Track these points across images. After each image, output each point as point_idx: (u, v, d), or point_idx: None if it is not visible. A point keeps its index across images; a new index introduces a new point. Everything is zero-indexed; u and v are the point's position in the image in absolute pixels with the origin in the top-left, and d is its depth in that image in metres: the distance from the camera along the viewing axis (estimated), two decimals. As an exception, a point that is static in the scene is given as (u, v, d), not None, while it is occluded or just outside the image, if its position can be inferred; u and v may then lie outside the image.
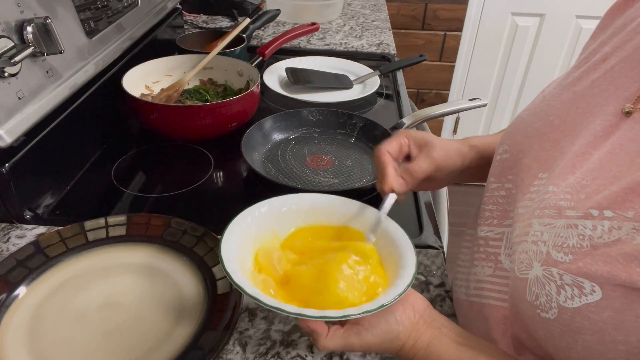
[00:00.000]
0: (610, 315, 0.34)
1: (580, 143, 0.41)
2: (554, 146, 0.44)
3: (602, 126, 0.40)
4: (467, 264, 0.56)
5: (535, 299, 0.39)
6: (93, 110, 0.84)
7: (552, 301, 0.37)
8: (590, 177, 0.38)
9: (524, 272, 0.41)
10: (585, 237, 0.36)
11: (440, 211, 0.87)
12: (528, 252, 0.41)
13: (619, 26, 0.45)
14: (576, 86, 0.45)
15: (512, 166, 0.49)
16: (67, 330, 0.52)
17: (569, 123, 0.44)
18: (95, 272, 0.60)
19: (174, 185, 0.79)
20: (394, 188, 0.54)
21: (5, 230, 0.67)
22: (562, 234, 0.38)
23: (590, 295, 0.35)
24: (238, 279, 0.46)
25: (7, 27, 0.60)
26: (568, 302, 0.36)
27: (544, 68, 2.18)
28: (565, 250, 0.37)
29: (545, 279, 0.38)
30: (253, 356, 0.52)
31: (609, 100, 0.41)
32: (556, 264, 0.37)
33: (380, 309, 0.43)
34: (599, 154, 0.39)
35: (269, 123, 0.89)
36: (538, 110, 0.48)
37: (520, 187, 0.47)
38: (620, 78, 0.41)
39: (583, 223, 0.36)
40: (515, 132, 0.51)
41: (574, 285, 0.36)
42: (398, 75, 1.19)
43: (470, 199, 2.28)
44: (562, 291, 0.36)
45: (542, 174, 0.44)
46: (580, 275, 0.35)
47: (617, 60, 0.43)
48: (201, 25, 1.47)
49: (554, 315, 0.37)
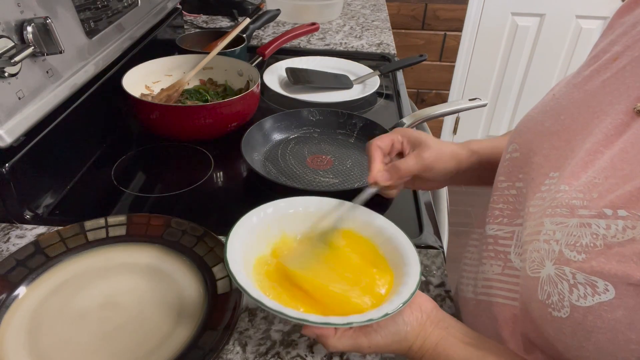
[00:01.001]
0: (623, 314, 0.34)
1: (591, 142, 0.41)
2: (565, 145, 0.44)
3: (613, 125, 0.40)
4: (474, 262, 0.57)
5: (547, 297, 0.39)
6: (93, 110, 0.84)
7: (564, 300, 0.37)
8: (603, 176, 0.38)
9: (535, 270, 0.41)
10: (599, 236, 0.36)
11: (440, 211, 0.87)
12: (540, 251, 0.41)
13: (629, 25, 0.45)
14: (587, 85, 0.45)
15: (522, 165, 0.49)
16: (67, 331, 0.52)
17: (580, 122, 0.44)
18: (95, 272, 0.60)
19: (174, 185, 0.79)
20: (377, 180, 0.56)
21: (5, 230, 0.67)
22: (575, 232, 0.38)
23: (604, 294, 0.35)
24: (242, 280, 0.46)
25: (7, 27, 0.60)
26: (581, 301, 0.36)
27: (544, 68, 2.18)
28: (578, 249, 0.37)
29: (557, 277, 0.38)
30: (253, 356, 0.52)
31: (620, 99, 0.41)
32: (569, 263, 0.37)
33: (384, 317, 0.43)
34: (610, 153, 0.39)
35: (269, 123, 0.89)
36: (548, 109, 0.48)
37: (530, 186, 0.47)
38: (631, 77, 0.42)
39: (596, 222, 0.36)
40: (525, 130, 0.51)
41: (587, 284, 0.36)
42: (398, 75, 1.19)
43: (470, 199, 2.28)
44: (574, 290, 0.36)
45: (554, 172, 0.44)
46: (594, 274, 0.35)
47: (628, 59, 0.43)
48: (201, 25, 1.47)
49: (566, 314, 0.37)
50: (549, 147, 0.46)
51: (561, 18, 2.06)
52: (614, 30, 0.47)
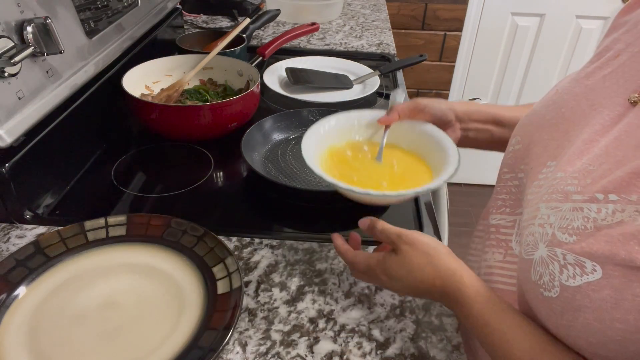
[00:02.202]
0: (609, 293, 0.35)
1: (588, 132, 0.43)
2: (563, 136, 0.46)
3: (610, 116, 0.42)
4: (478, 252, 0.58)
5: (539, 278, 0.40)
6: (93, 110, 0.84)
7: (554, 280, 0.39)
8: (597, 163, 0.40)
9: (529, 253, 0.42)
10: (590, 220, 0.37)
11: (440, 211, 0.87)
12: (534, 235, 0.42)
13: (632, 23, 0.46)
14: (588, 80, 0.47)
15: (523, 156, 0.51)
16: (67, 331, 0.52)
17: (578, 114, 0.45)
18: (95, 272, 0.60)
19: (174, 185, 0.79)
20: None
21: (5, 230, 0.67)
22: (568, 216, 0.39)
23: (591, 274, 0.36)
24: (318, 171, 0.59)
25: (7, 27, 0.60)
26: (570, 281, 0.37)
27: (544, 68, 2.18)
28: (570, 231, 0.38)
29: (549, 259, 0.39)
30: (253, 356, 0.52)
31: (618, 92, 0.42)
32: (560, 245, 0.39)
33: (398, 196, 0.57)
34: (605, 141, 0.40)
35: (269, 123, 0.89)
36: (550, 103, 0.50)
37: (529, 176, 0.49)
38: (630, 71, 0.43)
39: (588, 206, 0.38)
40: (527, 124, 0.53)
41: (576, 265, 0.37)
42: (398, 75, 1.19)
43: (471, 199, 2.28)
44: (564, 270, 0.38)
45: (551, 162, 0.46)
46: (583, 255, 0.37)
47: (628, 55, 0.44)
48: (201, 25, 1.47)
49: (555, 293, 0.39)
50: (548, 138, 0.48)
51: (561, 18, 2.06)
52: (618, 29, 0.48)
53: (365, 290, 0.60)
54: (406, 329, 0.56)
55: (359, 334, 0.55)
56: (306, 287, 0.60)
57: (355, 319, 0.56)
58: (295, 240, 0.67)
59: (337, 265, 0.64)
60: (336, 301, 0.59)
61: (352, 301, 0.59)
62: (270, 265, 0.63)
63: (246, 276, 0.61)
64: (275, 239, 0.67)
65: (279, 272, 0.62)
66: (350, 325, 0.56)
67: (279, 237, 0.68)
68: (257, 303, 0.58)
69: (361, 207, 0.76)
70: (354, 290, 0.60)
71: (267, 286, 0.60)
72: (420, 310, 0.58)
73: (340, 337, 0.54)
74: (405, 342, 0.54)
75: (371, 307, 0.58)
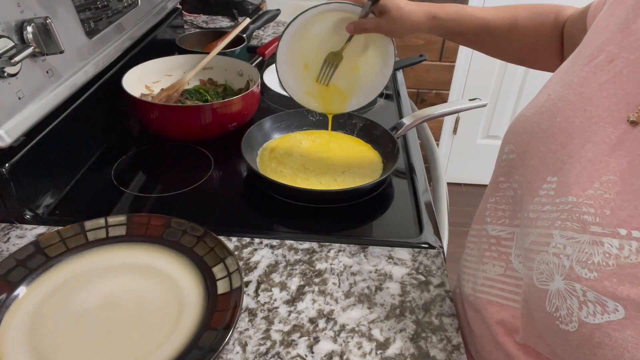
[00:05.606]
0: (631, 334, 0.34)
1: (592, 150, 0.41)
2: (562, 149, 0.44)
3: (615, 134, 0.40)
4: (475, 259, 0.57)
5: (555, 310, 0.39)
6: (93, 110, 0.84)
7: (572, 315, 0.37)
8: (614, 191, 0.38)
9: (544, 282, 0.41)
10: (612, 256, 0.36)
11: (440, 211, 0.87)
12: (549, 264, 0.40)
13: (621, 22, 0.44)
14: (583, 87, 0.44)
15: (518, 166, 0.49)
16: (67, 330, 0.52)
17: (576, 126, 0.43)
18: (95, 272, 0.60)
19: (174, 185, 0.79)
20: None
21: (5, 230, 0.67)
22: (587, 250, 0.37)
23: (613, 313, 0.35)
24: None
25: (7, 27, 0.60)
26: (590, 318, 0.36)
27: (544, 68, 2.18)
28: (590, 266, 0.37)
29: (567, 292, 0.38)
30: (253, 356, 0.52)
31: (619, 105, 0.41)
32: (579, 280, 0.37)
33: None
34: (617, 165, 0.39)
35: (269, 123, 0.89)
36: (544, 110, 0.47)
37: (527, 189, 0.47)
38: (629, 82, 0.41)
39: (609, 241, 0.36)
40: (520, 131, 0.50)
41: (597, 303, 0.36)
42: (398, 75, 1.19)
43: (470, 199, 2.28)
44: (584, 307, 0.37)
45: (551, 177, 0.44)
46: (606, 294, 0.35)
47: (625, 62, 0.42)
48: (201, 25, 1.47)
49: (573, 328, 0.37)
50: (545, 150, 0.45)
51: (561, 18, 2.06)
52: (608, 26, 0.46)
53: (365, 290, 0.60)
54: (406, 329, 0.56)
55: (359, 334, 0.55)
56: (306, 287, 0.60)
57: (355, 319, 0.57)
58: (295, 240, 0.67)
59: (337, 265, 0.64)
60: (336, 301, 0.59)
61: (352, 301, 0.59)
62: (270, 265, 0.63)
63: (246, 276, 0.61)
64: (275, 239, 0.67)
65: (279, 272, 0.62)
66: (350, 325, 0.56)
67: (279, 237, 0.68)
68: (257, 303, 0.58)
69: (361, 207, 0.76)
70: (354, 290, 0.60)
71: (267, 286, 0.60)
72: (420, 310, 0.58)
73: (340, 337, 0.54)
74: (405, 342, 0.54)
75: (371, 307, 0.58)
